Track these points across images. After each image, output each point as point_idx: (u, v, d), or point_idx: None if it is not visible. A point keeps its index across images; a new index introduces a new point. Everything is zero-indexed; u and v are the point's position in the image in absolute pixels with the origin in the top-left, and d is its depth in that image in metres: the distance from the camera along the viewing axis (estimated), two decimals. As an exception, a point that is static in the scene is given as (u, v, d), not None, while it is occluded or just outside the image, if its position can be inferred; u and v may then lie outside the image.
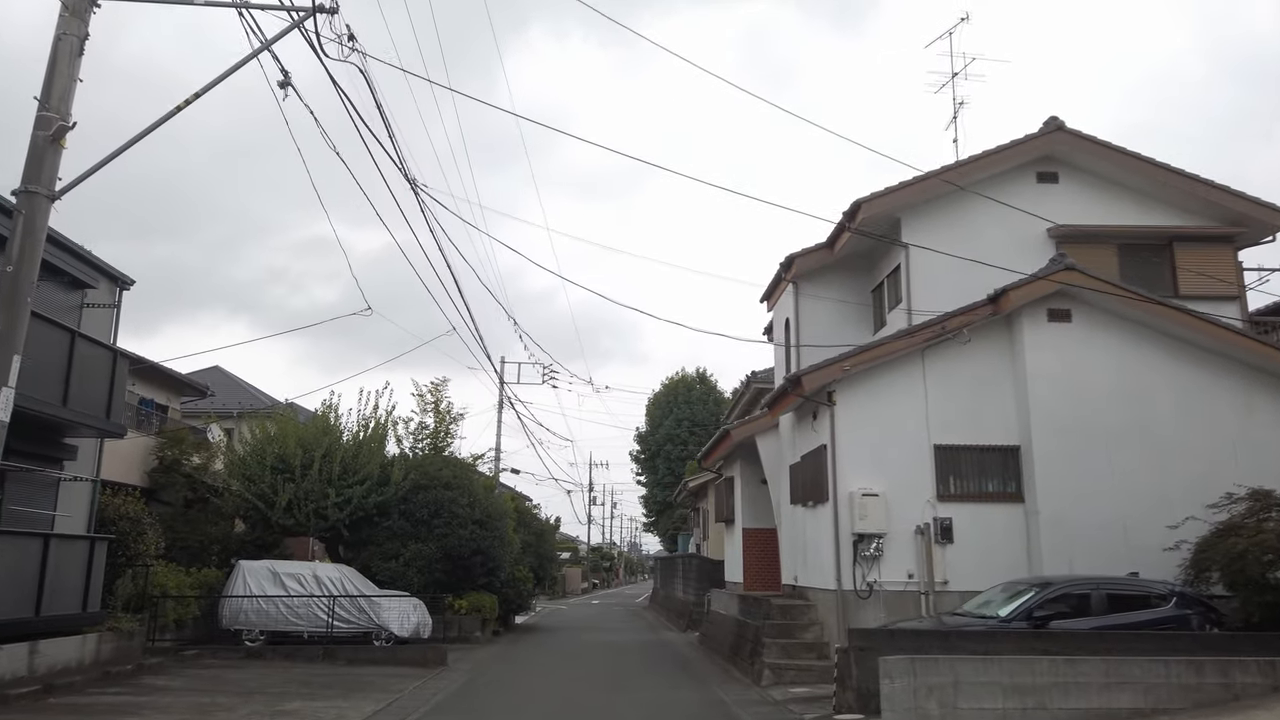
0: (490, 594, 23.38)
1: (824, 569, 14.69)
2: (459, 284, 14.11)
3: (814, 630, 14.85)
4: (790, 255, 16.93)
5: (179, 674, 14.08)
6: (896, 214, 15.63)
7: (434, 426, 24.72)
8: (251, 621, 18.73)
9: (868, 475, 14.18)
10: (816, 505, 15.17)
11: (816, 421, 15.21)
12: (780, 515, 18.07)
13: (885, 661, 8.42)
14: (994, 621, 11.45)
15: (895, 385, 14.50)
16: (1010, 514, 14.19)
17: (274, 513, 20.93)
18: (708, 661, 17.94)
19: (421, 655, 17.01)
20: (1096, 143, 15.59)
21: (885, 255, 16.49)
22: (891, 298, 16.32)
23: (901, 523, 14.04)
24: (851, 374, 14.32)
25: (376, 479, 21.79)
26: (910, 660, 8.42)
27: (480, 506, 22.64)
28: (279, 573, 19.26)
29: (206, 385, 29.09)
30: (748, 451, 19.81)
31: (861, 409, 14.43)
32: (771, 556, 19.58)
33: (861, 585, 13.91)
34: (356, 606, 19.03)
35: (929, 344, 14.44)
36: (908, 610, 13.80)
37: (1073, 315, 14.36)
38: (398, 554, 21.53)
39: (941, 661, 8.40)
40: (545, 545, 31.79)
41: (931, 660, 8.47)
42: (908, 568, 13.98)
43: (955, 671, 8.30)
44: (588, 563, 73.04)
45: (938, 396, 14.48)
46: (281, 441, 21.51)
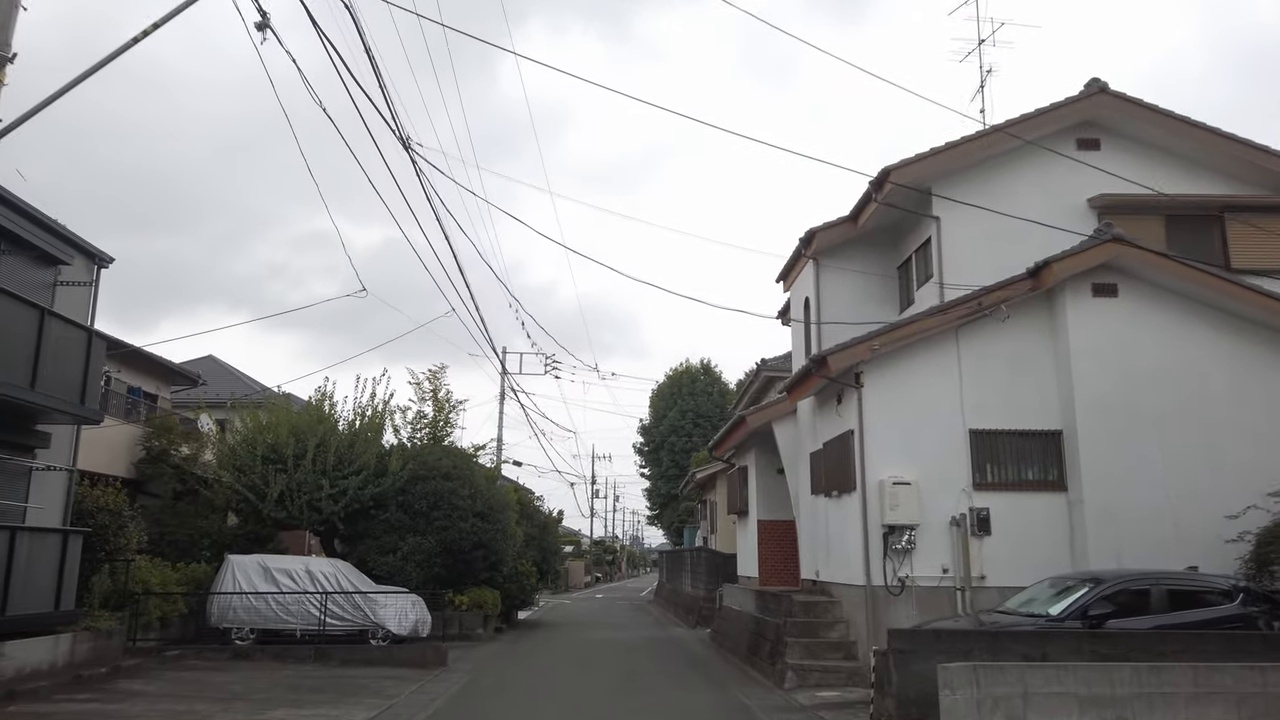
0: (492, 589, 22.41)
1: (850, 563, 13.71)
2: (457, 257, 13.32)
3: (839, 629, 13.86)
4: (811, 229, 15.90)
5: (157, 677, 13.10)
6: (927, 184, 14.59)
7: (433, 415, 23.71)
8: (241, 619, 17.77)
9: (898, 462, 13.19)
10: (842, 495, 14.18)
11: (841, 405, 14.21)
12: (799, 506, 17.07)
13: (945, 670, 7.43)
14: (1044, 620, 10.45)
15: (927, 366, 13.50)
16: (1051, 504, 13.20)
17: (265, 505, 19.95)
18: (723, 661, 16.96)
19: (420, 655, 16.04)
20: (1142, 105, 14.54)
21: (914, 229, 15.47)
22: (920, 274, 15.29)
23: (935, 513, 13.06)
24: (880, 354, 13.31)
25: (373, 470, 20.80)
26: (973, 668, 7.43)
27: (482, 498, 21.65)
28: (270, 568, 18.30)
29: (198, 374, 28.10)
30: (763, 440, 18.83)
31: (891, 391, 13.43)
32: (788, 550, 18.60)
33: (892, 580, 12.92)
34: (351, 603, 18.06)
35: (964, 321, 13.42)
36: (942, 608, 12.81)
37: (1119, 290, 13.35)
38: (395, 548, 20.56)
39: (1009, 670, 7.41)
40: (549, 538, 30.79)
41: (997, 668, 7.48)
42: (942, 561, 12.99)
43: (1024, 681, 7.32)
44: (590, 557, 72.16)
45: (973, 378, 13.47)
46: (274, 430, 20.52)
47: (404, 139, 10.63)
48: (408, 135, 10.70)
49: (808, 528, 16.47)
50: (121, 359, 23.11)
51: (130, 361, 23.77)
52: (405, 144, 10.76)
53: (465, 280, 13.70)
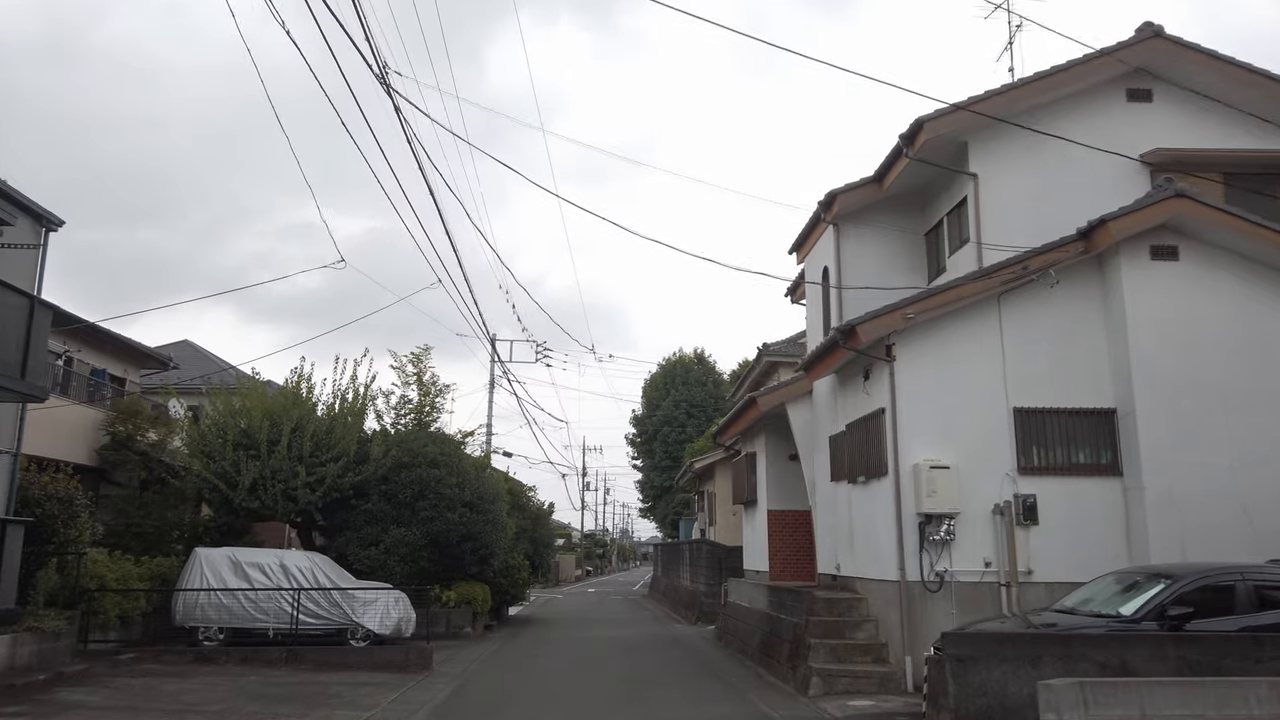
0: (482, 584, 21.01)
1: (880, 556, 12.36)
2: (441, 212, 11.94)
3: (867, 629, 12.52)
4: (831, 191, 14.49)
5: (105, 684, 11.65)
6: (962, 138, 13.21)
7: (418, 400, 22.24)
8: (209, 618, 16.30)
9: (935, 444, 11.84)
10: (870, 481, 12.82)
11: (869, 382, 12.84)
12: (816, 495, 15.72)
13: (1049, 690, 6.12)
14: (1114, 622, 9.12)
15: (966, 337, 12.16)
16: (1105, 490, 11.90)
17: (237, 494, 18.47)
18: (734, 663, 15.60)
19: (402, 657, 14.63)
20: (1200, 51, 13.18)
21: (946, 189, 14.10)
22: (953, 238, 13.93)
23: (976, 501, 11.73)
24: (915, 323, 11.95)
25: (354, 456, 19.35)
26: (1080, 686, 6.11)
27: (471, 487, 20.24)
28: (241, 562, 16.83)
29: (169, 356, 26.56)
30: (774, 423, 17.47)
31: (927, 365, 12.09)
32: (802, 542, 17.27)
33: (930, 575, 11.57)
34: (329, 600, 16.61)
35: (1007, 287, 12.07)
36: (984, 605, 11.49)
37: (1180, 252, 12.02)
38: (378, 540, 19.15)
39: (1126, 688, 6.10)
40: (541, 531, 29.41)
41: (1109, 686, 6.17)
42: (984, 554, 11.67)
43: (1143, 701, 6.01)
44: (581, 550, 70.87)
45: (1017, 351, 12.13)
46: (246, 415, 19.04)
47: (380, 68, 9.17)
48: (384, 64, 9.25)
49: (826, 518, 15.12)
50: (85, 339, 21.61)
51: (95, 342, 22.24)
52: (381, 76, 9.31)
53: (450, 240, 12.33)
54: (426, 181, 11.07)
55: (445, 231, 13.89)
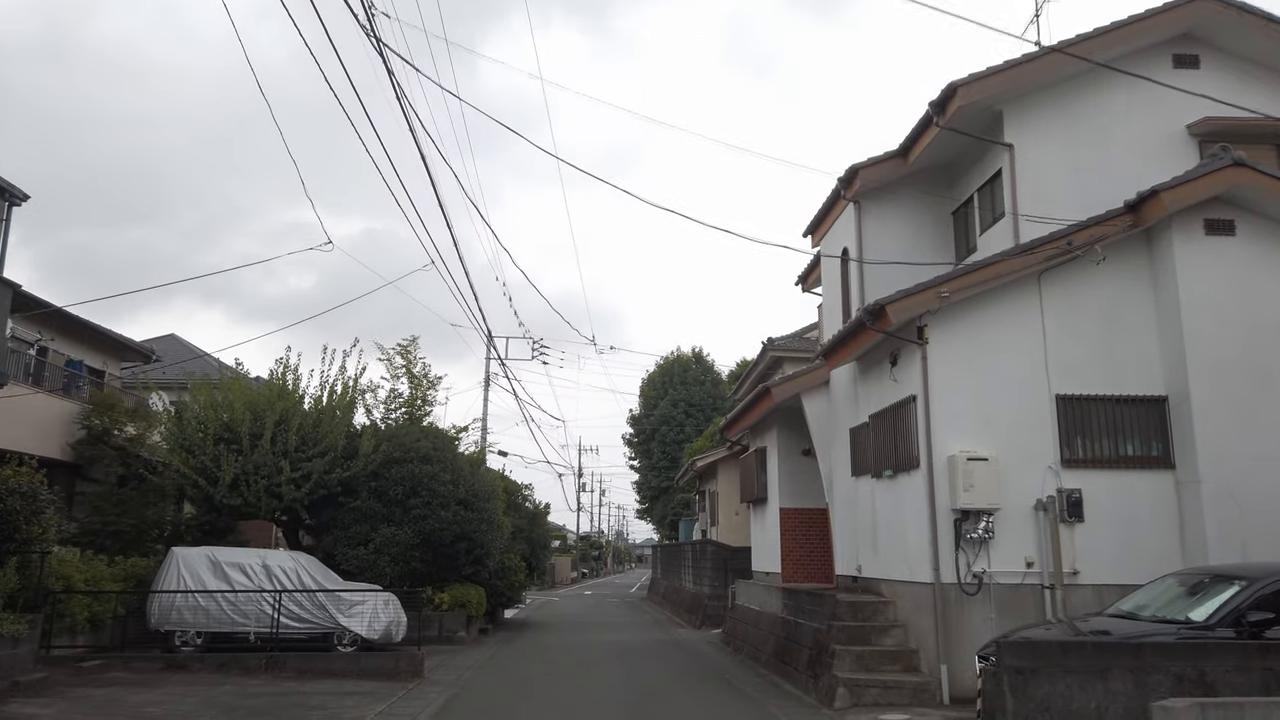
0: (477, 586, 20.01)
1: (910, 556, 11.40)
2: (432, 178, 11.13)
3: (895, 634, 11.55)
4: (853, 166, 13.54)
5: (64, 694, 10.62)
6: (997, 106, 12.27)
7: (409, 393, 21.24)
8: (186, 621, 15.26)
9: (971, 434, 10.89)
10: (897, 475, 11.86)
11: (898, 368, 11.89)
12: (833, 491, 14.77)
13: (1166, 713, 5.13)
14: (1183, 628, 8.17)
15: (1004, 319, 11.22)
16: (1157, 484, 10.96)
17: (217, 490, 17.44)
18: (746, 670, 14.62)
19: (392, 664, 13.62)
20: (1252, 13, 12.26)
21: (977, 162, 13.16)
22: (985, 215, 12.98)
23: (1016, 496, 10.78)
24: (950, 303, 10.99)
25: (341, 451, 18.33)
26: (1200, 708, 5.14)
27: (465, 484, 19.23)
28: (220, 562, 15.80)
29: (152, 349, 25.54)
30: (786, 416, 16.53)
31: (962, 349, 11.14)
32: (816, 541, 16.32)
33: (966, 577, 10.61)
34: (315, 603, 15.58)
35: (1049, 264, 11.13)
36: (1025, 609, 10.55)
37: (1236, 226, 11.10)
38: (367, 539, 18.13)
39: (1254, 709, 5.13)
40: (538, 531, 28.41)
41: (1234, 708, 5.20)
42: (1025, 553, 10.72)
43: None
44: (577, 552, 69.83)
45: (1059, 334, 11.20)
46: (228, 407, 18.01)
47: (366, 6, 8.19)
48: (371, 3, 8.27)
49: (845, 515, 14.16)
50: (61, 328, 20.60)
51: (73, 332, 21.24)
52: (368, 17, 8.33)
53: (443, 211, 11.50)
54: (417, 144, 10.08)
55: (437, 200, 12.81)
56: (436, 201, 12.97)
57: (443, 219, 12.21)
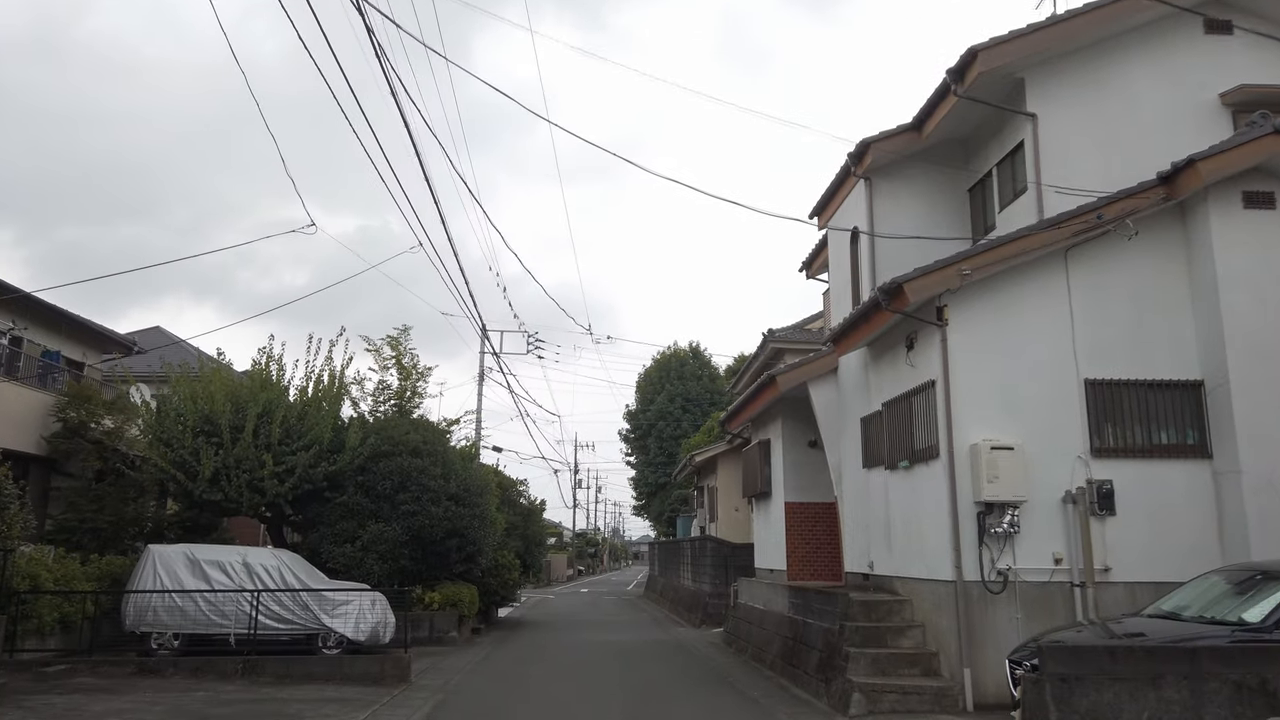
0: (469, 585, 19.27)
1: (928, 552, 10.70)
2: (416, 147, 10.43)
3: (913, 636, 10.83)
4: (864, 140, 12.82)
5: (20, 704, 9.86)
6: (1019, 73, 11.55)
7: (398, 385, 20.49)
8: (163, 622, 14.51)
9: (995, 422, 10.19)
10: (914, 466, 11.15)
11: (914, 353, 11.17)
12: (842, 484, 14.06)
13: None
14: (1238, 630, 7.47)
15: (1029, 298, 10.51)
16: (1193, 475, 10.26)
17: (197, 485, 16.68)
18: (750, 672, 13.90)
19: (377, 668, 12.88)
20: (1290, -26, 11.56)
21: (996, 135, 12.43)
22: (1005, 190, 12.27)
23: (1042, 487, 10.08)
24: (971, 281, 10.28)
25: (327, 444, 17.59)
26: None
27: (457, 478, 18.51)
28: (199, 560, 15.05)
29: (134, 341, 24.74)
30: (792, 406, 15.82)
31: (984, 330, 10.43)
32: (823, 537, 15.62)
33: (990, 574, 9.90)
34: (298, 603, 14.84)
35: (1077, 240, 10.42)
36: (1054, 609, 9.86)
37: (1277, 200, 10.39)
38: (354, 536, 17.40)
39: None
40: (533, 527, 27.67)
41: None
42: (1053, 549, 10.01)
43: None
44: (573, 549, 69.13)
45: (1087, 314, 10.49)
46: (209, 398, 17.24)
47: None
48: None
49: (855, 510, 13.45)
50: (36, 317, 19.84)
51: (49, 322, 20.48)
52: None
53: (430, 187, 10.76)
54: (398, 104, 9.32)
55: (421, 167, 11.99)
56: (420, 167, 12.17)
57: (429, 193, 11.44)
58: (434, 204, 12.68)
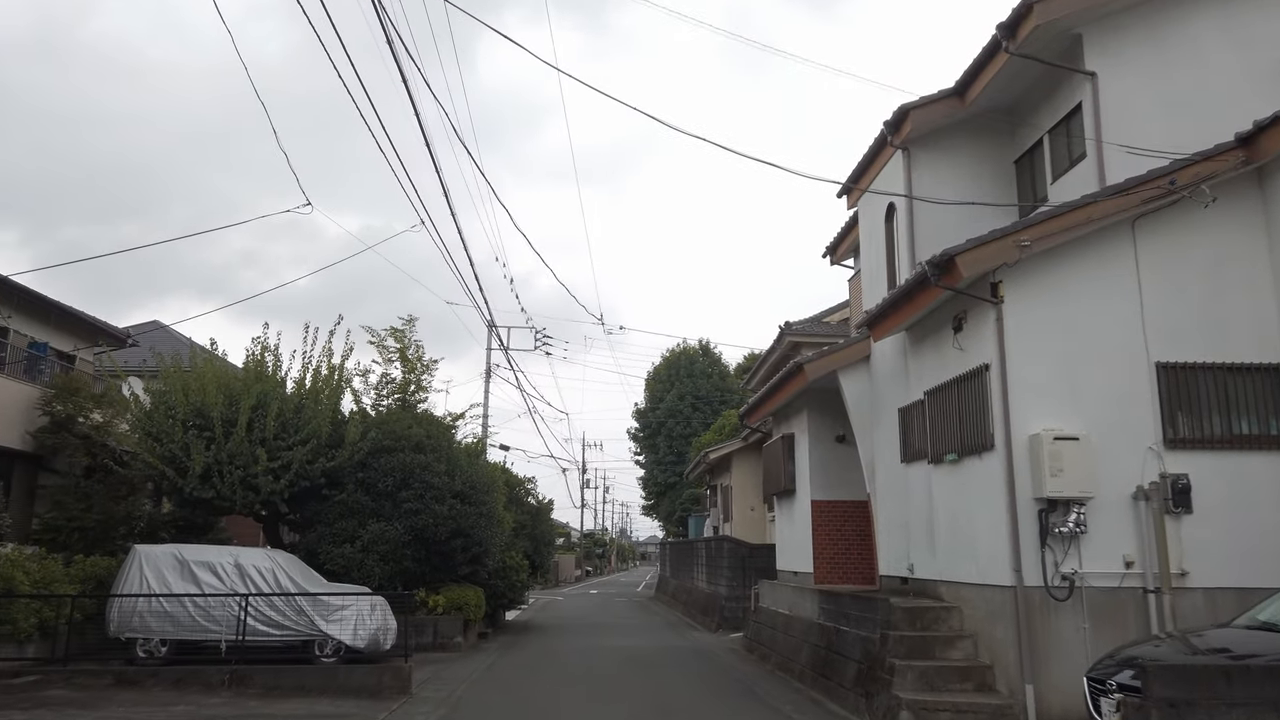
0: (475, 587, 18.32)
1: (980, 554, 9.69)
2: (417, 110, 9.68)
3: (963, 647, 9.83)
4: (903, 107, 11.82)
5: (-22, 722, 8.95)
6: (1076, 28, 10.54)
7: (401, 378, 19.55)
8: (150, 628, 13.61)
9: (1057, 410, 9.18)
10: (964, 459, 10.14)
11: (963, 335, 10.16)
12: (876, 481, 13.05)
13: None
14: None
15: (1092, 274, 9.50)
16: (1277, 468, 9.22)
17: (187, 482, 15.76)
18: (777, 683, 12.91)
19: (375, 678, 11.94)
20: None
21: (1048, 99, 11.41)
22: (1058, 159, 11.25)
23: (1110, 483, 9.06)
24: (1031, 254, 9.27)
25: (326, 439, 16.65)
26: None
27: (462, 475, 17.57)
28: (188, 561, 14.15)
29: (128, 333, 23.82)
30: (818, 398, 14.82)
31: (1043, 309, 9.42)
32: (853, 537, 14.63)
33: (1055, 579, 8.89)
34: (293, 607, 13.92)
35: (1148, 208, 9.41)
36: (1124, 618, 8.85)
37: (1369, 164, 9.37)
38: (353, 536, 16.47)
39: None
40: (542, 527, 26.71)
41: None
42: (1123, 551, 9.00)
43: None
44: (581, 549, 68.16)
45: (1158, 291, 9.47)
46: (200, 390, 16.32)
47: None
48: None
49: (892, 508, 12.45)
50: (20, 306, 18.93)
51: (37, 312, 19.57)
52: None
53: (432, 154, 10.00)
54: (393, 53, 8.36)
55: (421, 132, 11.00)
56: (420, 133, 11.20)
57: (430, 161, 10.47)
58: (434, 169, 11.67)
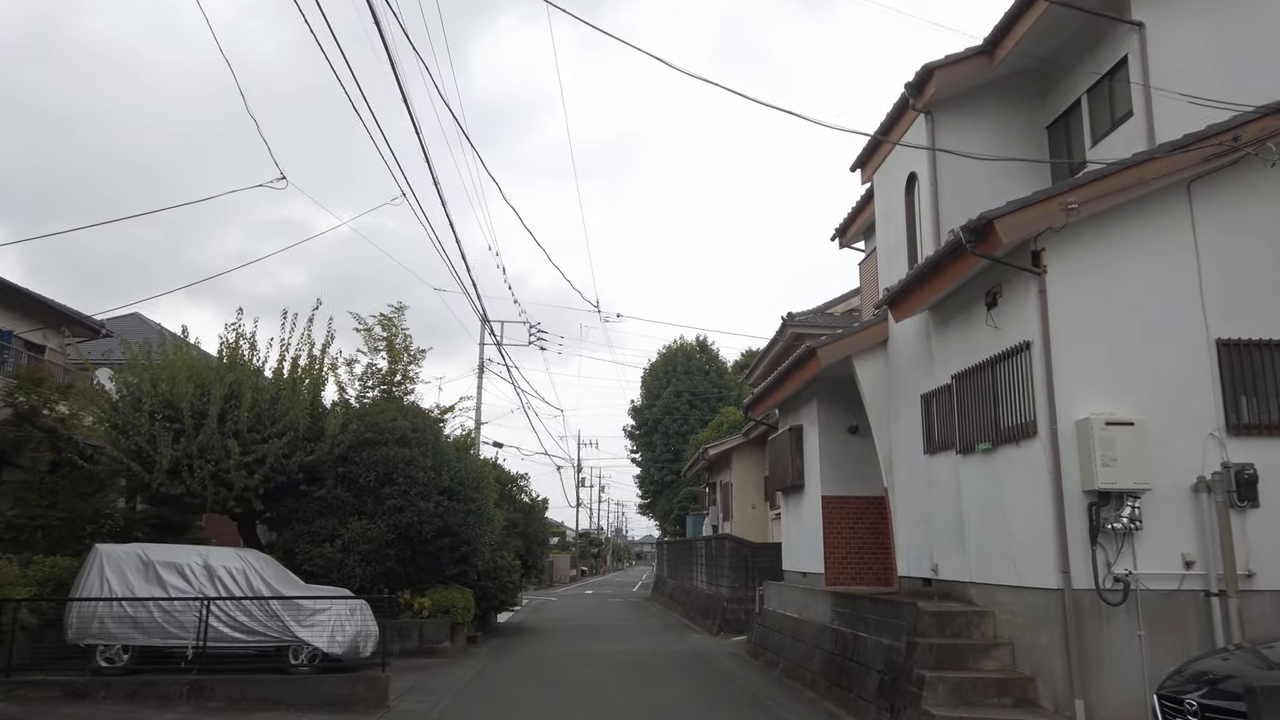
0: (463, 589, 17.32)
1: (1018, 553, 8.72)
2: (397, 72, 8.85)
3: (999, 656, 8.86)
4: (927, 66, 10.86)
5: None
6: (1121, -26, 9.60)
7: (387, 367, 18.56)
8: (111, 633, 12.60)
9: (1107, 392, 8.22)
10: (999, 448, 9.17)
11: (998, 311, 9.19)
12: (895, 474, 12.09)
13: None
14: None
15: (1144, 242, 8.54)
16: (1353, 457, 8.27)
17: (154, 477, 14.73)
18: (787, 692, 11.95)
19: (349, 689, 10.96)
20: None
21: (1087, 56, 10.44)
22: (1098, 121, 10.29)
23: (1168, 472, 8.10)
24: (1077, 220, 8.31)
25: (304, 432, 15.64)
26: None
27: (450, 470, 16.59)
28: (153, 561, 13.15)
29: (102, 324, 22.78)
30: (829, 388, 13.87)
31: (1090, 280, 8.46)
32: (867, 536, 13.68)
33: (1107, 581, 7.93)
34: (266, 611, 12.92)
35: (1206, 168, 8.45)
36: (1184, 624, 7.90)
37: None
38: (333, 534, 15.48)
39: None
40: (535, 526, 25.70)
41: None
42: (1181, 549, 8.03)
43: None
44: (576, 549, 67.16)
45: (1217, 260, 8.52)
46: (169, 379, 15.29)
47: None
48: None
49: (914, 503, 11.48)
50: (-13, 296, 17.93)
51: (3, 299, 18.54)
52: None
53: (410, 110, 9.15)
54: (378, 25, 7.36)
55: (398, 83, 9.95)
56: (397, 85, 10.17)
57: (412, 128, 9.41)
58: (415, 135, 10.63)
